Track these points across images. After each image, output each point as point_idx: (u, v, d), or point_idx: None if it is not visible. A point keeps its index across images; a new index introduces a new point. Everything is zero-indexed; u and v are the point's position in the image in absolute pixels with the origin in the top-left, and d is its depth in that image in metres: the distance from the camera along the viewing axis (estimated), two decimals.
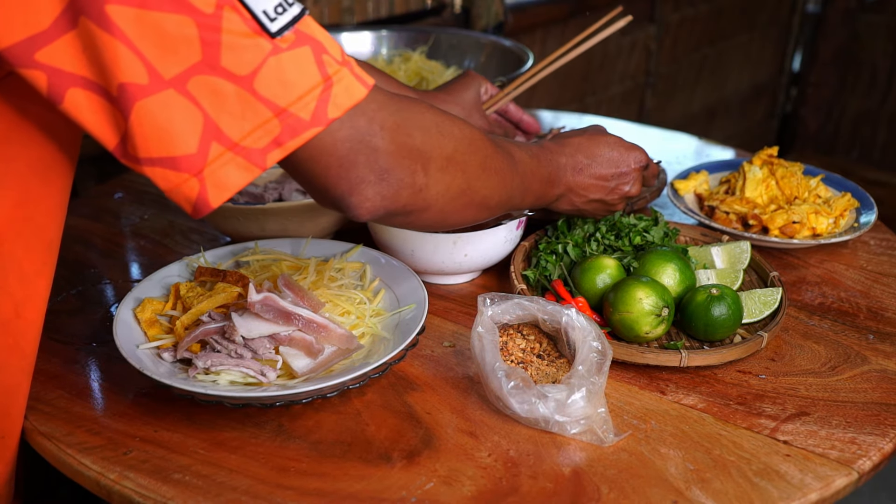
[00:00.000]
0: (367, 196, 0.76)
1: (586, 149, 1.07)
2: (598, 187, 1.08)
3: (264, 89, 0.67)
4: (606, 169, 1.07)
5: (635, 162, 1.09)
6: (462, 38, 1.81)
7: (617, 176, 1.08)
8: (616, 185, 1.09)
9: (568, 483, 0.84)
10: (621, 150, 1.08)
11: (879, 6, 3.53)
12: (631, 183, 1.10)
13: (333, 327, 0.95)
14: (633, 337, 1.02)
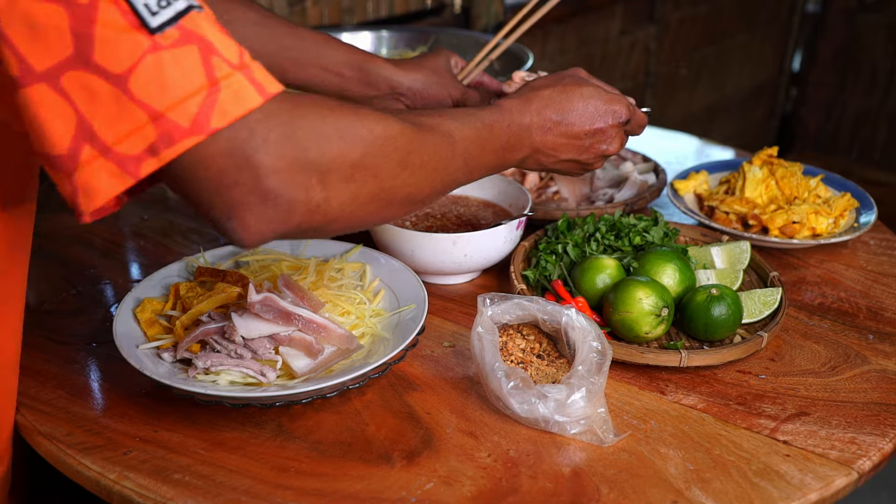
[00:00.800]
0: (248, 222, 0.66)
1: (557, 103, 0.96)
2: (570, 146, 0.98)
3: (140, 90, 0.61)
4: (580, 125, 0.97)
5: (614, 117, 0.98)
6: (462, 38, 1.81)
7: (592, 133, 0.98)
8: (591, 144, 0.99)
9: (568, 483, 0.84)
10: (598, 104, 0.97)
11: (879, 6, 3.53)
12: (609, 140, 0.99)
13: (333, 327, 0.95)
14: (633, 337, 1.02)
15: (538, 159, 0.98)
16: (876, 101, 3.63)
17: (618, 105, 0.98)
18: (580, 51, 2.78)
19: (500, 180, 1.29)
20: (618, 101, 0.98)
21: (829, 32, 3.67)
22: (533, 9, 1.24)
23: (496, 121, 0.91)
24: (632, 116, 1.01)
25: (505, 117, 0.92)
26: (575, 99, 0.96)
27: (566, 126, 0.96)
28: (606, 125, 0.98)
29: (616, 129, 0.99)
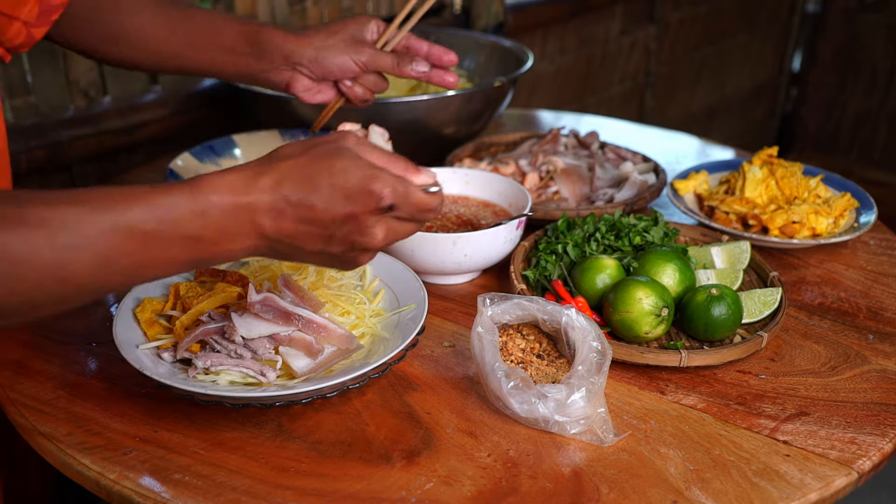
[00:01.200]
0: None
1: (297, 178, 0.75)
2: (313, 235, 0.76)
3: None
4: (324, 209, 0.74)
5: (371, 200, 0.75)
6: (462, 38, 1.81)
7: (341, 220, 0.75)
8: (343, 234, 0.76)
9: (568, 483, 0.84)
10: (350, 182, 0.74)
11: (879, 6, 3.53)
12: (364, 231, 0.76)
13: (333, 327, 0.95)
14: (632, 337, 1.02)
15: (276, 249, 0.78)
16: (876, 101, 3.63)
17: (378, 185, 0.75)
18: (580, 51, 2.78)
19: (501, 180, 1.29)
20: (380, 181, 0.75)
21: (829, 32, 3.67)
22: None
23: (181, 203, 0.71)
24: (402, 201, 0.76)
25: (201, 199, 0.72)
26: (322, 174, 0.75)
27: (306, 209, 0.74)
28: (359, 211, 0.75)
29: (374, 216, 0.76)
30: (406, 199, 0.77)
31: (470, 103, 1.47)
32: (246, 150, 1.41)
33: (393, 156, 0.79)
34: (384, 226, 0.78)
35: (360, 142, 0.78)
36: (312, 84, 1.16)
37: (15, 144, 1.53)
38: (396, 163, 0.79)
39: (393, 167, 0.78)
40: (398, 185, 0.76)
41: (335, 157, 0.76)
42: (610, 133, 1.72)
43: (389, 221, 0.78)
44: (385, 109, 1.41)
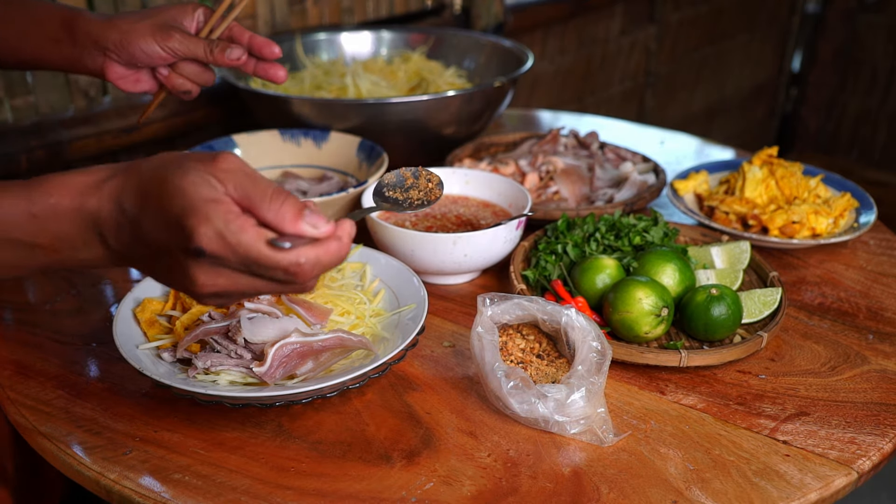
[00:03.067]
0: None
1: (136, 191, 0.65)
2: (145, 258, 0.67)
3: None
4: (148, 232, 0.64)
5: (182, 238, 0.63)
6: (462, 38, 1.81)
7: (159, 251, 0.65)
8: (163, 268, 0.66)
9: (568, 483, 0.84)
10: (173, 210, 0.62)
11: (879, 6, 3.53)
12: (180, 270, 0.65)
13: (349, 338, 0.94)
14: (632, 337, 1.02)
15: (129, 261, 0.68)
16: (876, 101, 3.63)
17: (193, 222, 0.61)
18: (580, 51, 2.78)
19: (500, 180, 1.29)
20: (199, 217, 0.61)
21: (829, 32, 3.67)
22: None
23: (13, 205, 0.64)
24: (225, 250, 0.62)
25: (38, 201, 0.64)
26: (153, 192, 0.64)
27: (136, 227, 0.64)
28: (172, 245, 0.64)
29: (181, 256, 0.64)
30: (231, 249, 0.62)
31: (470, 103, 1.47)
32: (246, 150, 1.41)
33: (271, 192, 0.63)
34: (205, 272, 0.64)
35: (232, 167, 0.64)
36: (128, 72, 1.08)
37: (15, 144, 1.53)
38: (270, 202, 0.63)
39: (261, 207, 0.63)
40: (225, 229, 0.61)
41: (180, 174, 0.63)
42: (610, 133, 1.72)
43: (215, 269, 0.64)
44: (385, 109, 1.41)
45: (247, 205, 0.63)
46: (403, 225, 1.22)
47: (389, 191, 0.92)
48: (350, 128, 1.43)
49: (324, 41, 1.80)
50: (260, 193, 0.63)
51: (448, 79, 1.70)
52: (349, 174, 1.38)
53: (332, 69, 1.69)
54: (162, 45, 1.04)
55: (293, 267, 0.63)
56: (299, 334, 0.92)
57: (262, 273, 0.64)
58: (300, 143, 1.43)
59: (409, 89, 1.69)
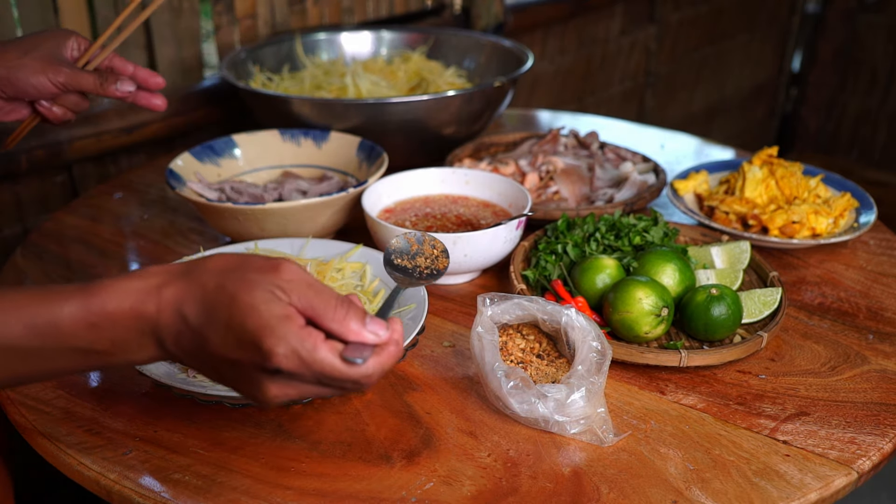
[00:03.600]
0: None
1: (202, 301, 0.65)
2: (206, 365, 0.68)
3: None
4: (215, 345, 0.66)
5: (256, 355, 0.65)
6: (462, 38, 1.81)
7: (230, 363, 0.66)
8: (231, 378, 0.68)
9: (568, 483, 0.84)
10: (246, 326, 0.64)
11: (879, 6, 3.53)
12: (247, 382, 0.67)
13: None
14: (632, 337, 1.02)
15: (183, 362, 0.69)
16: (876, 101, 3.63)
17: (270, 343, 0.63)
18: (580, 51, 2.78)
19: (501, 180, 1.29)
20: (275, 338, 0.63)
21: (829, 32, 3.67)
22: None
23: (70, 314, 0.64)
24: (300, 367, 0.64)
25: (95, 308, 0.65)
26: (222, 307, 0.65)
27: (200, 338, 0.66)
28: (247, 362, 0.65)
29: (256, 373, 0.66)
30: (306, 365, 0.64)
31: (470, 103, 1.47)
32: (246, 150, 1.41)
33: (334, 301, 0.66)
34: (277, 384, 0.66)
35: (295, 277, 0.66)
36: (4, 104, 1.07)
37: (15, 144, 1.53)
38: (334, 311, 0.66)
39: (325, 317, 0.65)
40: (300, 347, 0.64)
41: (244, 291, 0.64)
42: (610, 133, 1.72)
43: (287, 381, 0.66)
44: (385, 109, 1.41)
45: (311, 314, 0.65)
46: (403, 225, 1.22)
47: (397, 258, 0.92)
48: (350, 128, 1.43)
49: (324, 41, 1.80)
50: (323, 304, 0.65)
51: (448, 79, 1.70)
52: (349, 174, 1.39)
53: (332, 69, 1.69)
54: (52, 80, 1.04)
55: (364, 378, 0.66)
56: None
57: (331, 384, 0.67)
58: (300, 143, 1.43)
59: (409, 89, 1.69)
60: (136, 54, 1.68)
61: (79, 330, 0.65)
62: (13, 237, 1.63)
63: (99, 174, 1.71)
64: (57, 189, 1.67)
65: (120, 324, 0.65)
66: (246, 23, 1.83)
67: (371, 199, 1.23)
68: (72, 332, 0.65)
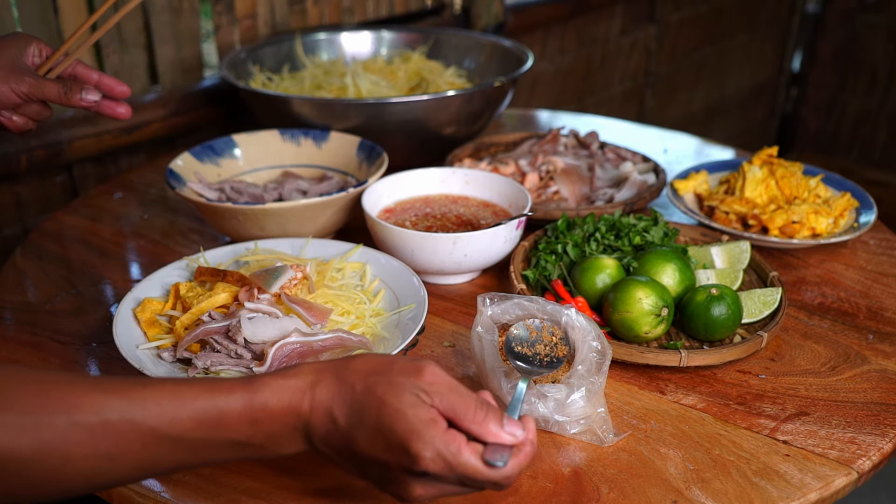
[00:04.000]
0: None
1: (351, 402, 0.69)
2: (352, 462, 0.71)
3: None
4: (363, 445, 0.69)
5: (406, 459, 0.67)
6: (462, 38, 1.81)
7: (377, 462, 0.69)
8: (377, 477, 0.71)
9: (568, 483, 0.84)
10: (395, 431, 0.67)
11: (879, 6, 3.53)
12: (393, 482, 0.70)
13: (349, 338, 0.94)
14: (632, 337, 1.02)
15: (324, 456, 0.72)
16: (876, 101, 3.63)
17: (418, 447, 0.66)
18: (580, 51, 2.78)
19: (501, 180, 1.29)
20: (422, 443, 0.66)
21: (829, 32, 3.67)
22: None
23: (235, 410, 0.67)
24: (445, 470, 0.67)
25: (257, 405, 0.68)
26: (370, 411, 0.68)
27: (348, 438, 0.69)
28: (394, 464, 0.68)
29: (402, 474, 0.69)
30: (451, 468, 0.67)
31: (470, 103, 1.47)
32: (246, 150, 1.41)
33: (473, 404, 0.69)
34: (422, 485, 0.69)
35: (436, 380, 0.69)
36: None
37: (15, 144, 1.53)
38: (474, 414, 0.69)
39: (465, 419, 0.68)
40: (445, 450, 0.66)
41: (391, 395, 0.68)
42: (610, 133, 1.72)
43: (432, 482, 0.69)
44: (385, 109, 1.41)
45: (452, 416, 0.69)
46: (403, 225, 1.22)
47: (517, 346, 0.92)
48: (350, 128, 1.43)
49: (324, 41, 1.80)
50: (464, 406, 0.69)
51: (448, 79, 1.70)
52: (349, 174, 1.38)
53: (332, 69, 1.69)
54: (16, 90, 1.03)
55: (504, 480, 0.69)
56: (299, 334, 0.92)
57: (472, 484, 0.69)
58: (300, 142, 1.43)
59: (409, 89, 1.69)
60: (136, 54, 1.68)
61: (242, 425, 0.67)
62: (13, 237, 1.63)
63: (99, 174, 1.71)
64: (57, 189, 1.67)
65: (278, 420, 0.68)
66: (246, 23, 1.83)
67: (371, 199, 1.23)
68: (235, 427, 0.67)
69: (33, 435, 0.62)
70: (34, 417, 0.62)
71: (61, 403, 0.63)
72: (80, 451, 0.63)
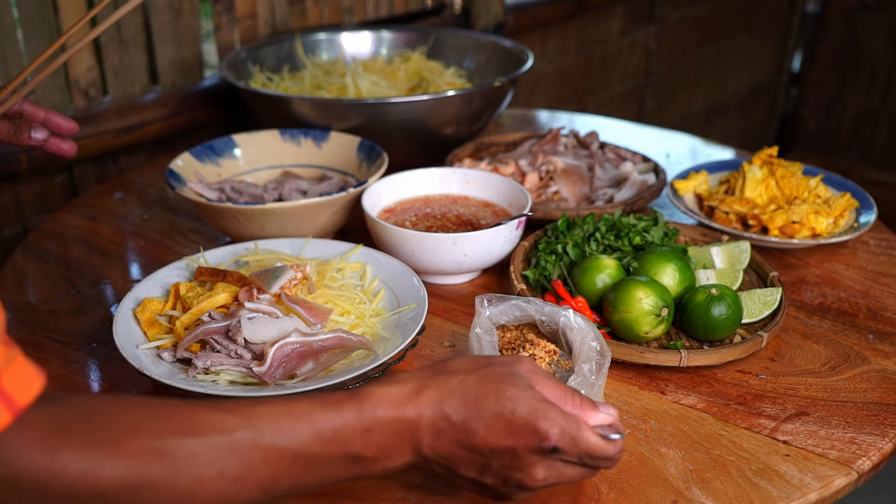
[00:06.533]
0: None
1: (462, 397, 0.70)
2: (469, 461, 0.71)
3: None
4: (484, 436, 0.69)
5: (535, 439, 0.69)
6: (462, 38, 1.81)
7: (500, 452, 0.70)
8: (499, 466, 0.71)
9: (568, 483, 0.83)
10: (517, 413, 0.69)
11: (879, 6, 3.52)
12: (523, 468, 0.70)
13: (349, 338, 0.94)
14: (632, 337, 1.02)
15: (430, 468, 0.72)
16: (876, 101, 3.62)
17: (545, 424, 0.69)
18: (580, 51, 2.78)
19: (501, 180, 1.29)
20: (549, 420, 0.69)
21: (829, 32, 3.67)
22: None
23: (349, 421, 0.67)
24: (569, 444, 0.70)
25: (367, 414, 0.68)
26: (488, 399, 0.70)
27: (465, 432, 0.69)
28: (520, 446, 0.69)
29: (536, 455, 0.70)
30: (575, 444, 0.70)
31: (470, 103, 1.47)
32: (246, 150, 1.41)
33: (569, 390, 0.74)
34: (546, 466, 0.71)
35: (535, 369, 0.73)
36: None
37: None
38: (572, 399, 0.73)
39: (567, 404, 0.72)
40: (568, 427, 0.70)
41: (506, 382, 0.71)
42: (610, 133, 1.72)
43: (553, 463, 0.71)
44: (385, 109, 1.41)
45: (554, 401, 0.72)
46: (403, 225, 1.22)
47: None
48: (350, 128, 1.43)
49: (324, 41, 1.80)
50: (563, 392, 0.73)
51: (448, 79, 1.70)
52: (349, 174, 1.38)
53: (332, 69, 1.69)
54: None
55: (618, 455, 0.73)
56: (299, 334, 0.92)
57: (589, 462, 0.72)
58: (300, 143, 1.43)
59: (409, 89, 1.69)
60: (136, 54, 1.68)
61: (355, 435, 0.68)
62: (13, 237, 1.63)
63: (99, 174, 1.71)
64: (57, 189, 1.67)
65: (388, 429, 0.69)
66: (246, 23, 1.83)
67: (371, 199, 1.23)
68: (350, 438, 0.67)
69: (167, 459, 0.61)
70: (164, 441, 0.61)
71: (186, 426, 0.63)
72: (209, 473, 0.62)
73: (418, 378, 0.71)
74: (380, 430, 0.68)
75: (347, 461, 0.68)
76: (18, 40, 1.52)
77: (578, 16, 2.68)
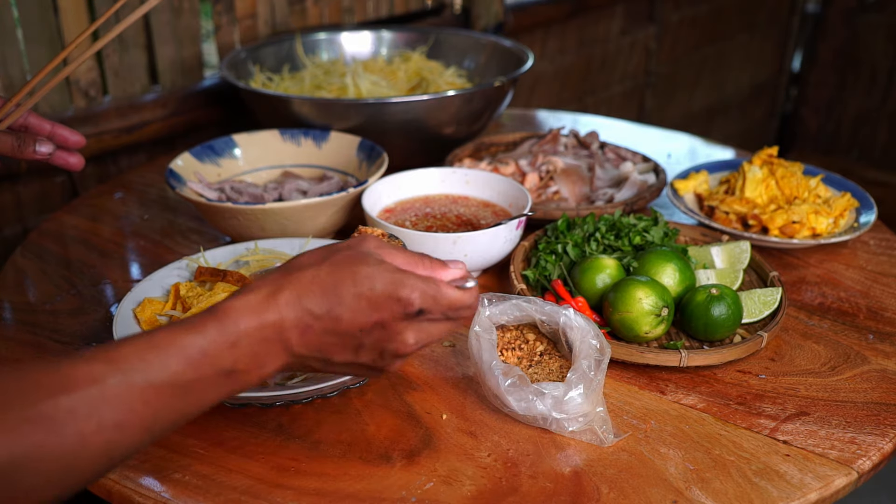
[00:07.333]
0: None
1: (318, 290, 0.71)
2: (341, 346, 0.73)
3: None
4: (350, 319, 0.71)
5: (398, 306, 0.72)
6: (462, 38, 1.81)
7: (369, 328, 0.72)
8: (372, 342, 0.73)
9: (568, 483, 0.84)
10: (375, 289, 0.71)
11: (879, 6, 3.53)
12: (393, 337, 0.73)
13: None
14: (632, 337, 1.02)
15: (305, 364, 0.74)
16: (876, 101, 3.63)
17: (406, 291, 0.72)
18: (580, 51, 2.78)
19: (501, 180, 1.29)
20: (408, 286, 0.72)
21: (829, 32, 3.67)
22: None
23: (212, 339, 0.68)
24: (432, 304, 0.73)
25: (230, 328, 0.68)
26: (345, 283, 0.71)
27: (331, 321, 0.71)
28: (387, 318, 0.72)
29: (403, 322, 0.73)
30: (437, 301, 0.73)
31: (470, 103, 1.47)
32: (246, 150, 1.41)
33: (416, 255, 0.76)
34: (415, 329, 0.74)
35: (381, 244, 0.76)
36: None
37: None
38: (421, 262, 0.76)
39: (419, 268, 0.75)
40: (427, 288, 0.73)
41: (358, 263, 0.72)
42: (610, 133, 1.72)
43: (421, 324, 0.74)
44: (385, 109, 1.41)
45: (406, 268, 0.74)
46: (403, 225, 1.22)
47: None
48: (350, 128, 1.43)
49: (324, 41, 1.80)
50: (413, 259, 0.76)
51: (448, 79, 1.70)
52: (349, 174, 1.39)
53: (332, 69, 1.69)
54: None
55: (475, 301, 0.76)
56: None
57: (453, 315, 0.75)
58: (300, 143, 1.43)
59: (409, 89, 1.69)
60: (136, 54, 1.68)
61: (224, 352, 0.68)
62: (13, 237, 1.63)
63: (99, 174, 1.71)
64: (57, 189, 1.67)
65: (254, 338, 0.69)
66: (246, 23, 1.83)
67: (371, 199, 1.23)
68: (219, 356, 0.68)
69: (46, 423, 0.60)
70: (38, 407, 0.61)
71: (56, 385, 0.62)
72: (90, 427, 0.62)
73: (271, 282, 0.71)
74: (247, 341, 0.69)
75: (223, 378, 0.68)
76: (18, 40, 1.52)
77: (578, 16, 2.68)
